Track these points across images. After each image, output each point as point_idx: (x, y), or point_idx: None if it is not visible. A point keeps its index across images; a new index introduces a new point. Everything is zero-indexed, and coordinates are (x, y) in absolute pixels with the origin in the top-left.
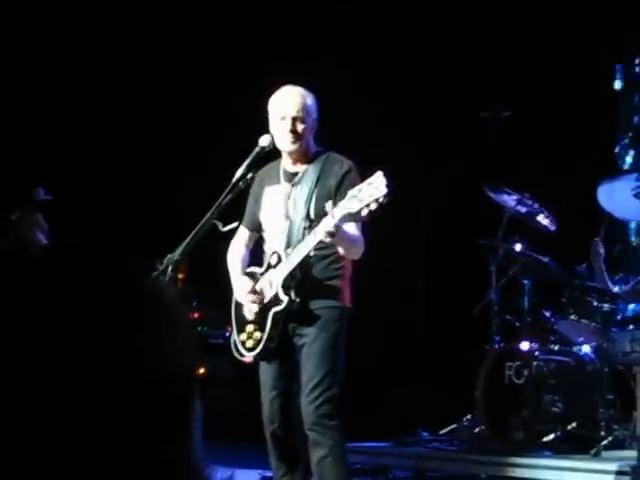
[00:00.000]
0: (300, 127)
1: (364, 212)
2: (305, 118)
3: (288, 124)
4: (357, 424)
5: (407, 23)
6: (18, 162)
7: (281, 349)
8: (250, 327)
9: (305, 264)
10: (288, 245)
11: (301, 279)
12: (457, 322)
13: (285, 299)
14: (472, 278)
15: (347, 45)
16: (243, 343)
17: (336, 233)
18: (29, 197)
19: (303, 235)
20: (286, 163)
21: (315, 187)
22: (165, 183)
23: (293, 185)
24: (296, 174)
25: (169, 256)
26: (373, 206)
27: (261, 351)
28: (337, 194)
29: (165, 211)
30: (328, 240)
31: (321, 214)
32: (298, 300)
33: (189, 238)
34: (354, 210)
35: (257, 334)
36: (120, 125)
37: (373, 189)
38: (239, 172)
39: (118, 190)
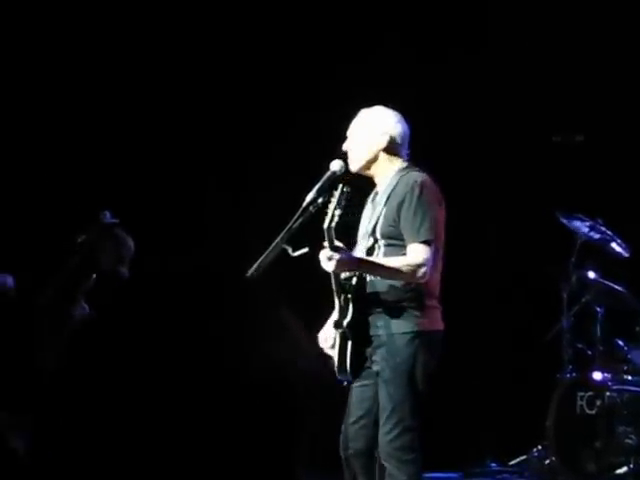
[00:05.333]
0: (347, 145)
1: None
2: (361, 135)
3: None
4: (425, 454)
5: (479, 45)
6: (85, 185)
7: (361, 375)
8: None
9: (369, 284)
10: None
11: (369, 300)
12: (528, 350)
13: (347, 318)
14: (544, 305)
15: (416, 66)
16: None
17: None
18: (96, 220)
19: (367, 255)
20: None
21: (384, 207)
22: (234, 205)
23: (373, 206)
24: (377, 194)
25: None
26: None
27: (337, 371)
28: (399, 214)
29: (234, 234)
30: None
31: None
32: (353, 319)
33: (258, 263)
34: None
35: (335, 354)
36: (191, 147)
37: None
38: (309, 196)
39: (186, 215)
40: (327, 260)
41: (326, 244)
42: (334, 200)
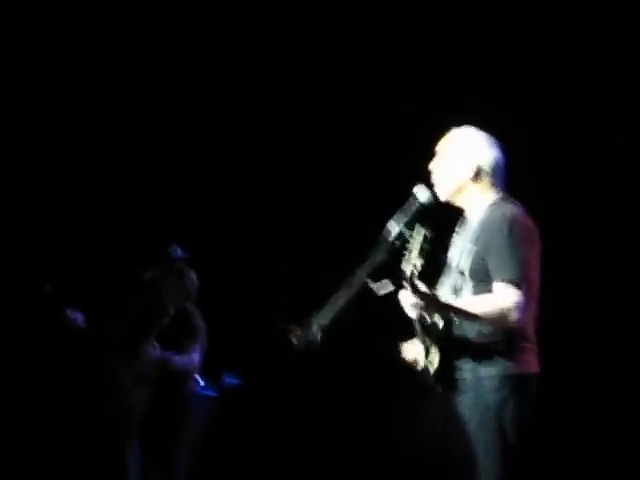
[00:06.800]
0: (434, 166)
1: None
2: (447, 163)
3: None
4: None
5: (577, 62)
6: (153, 218)
7: None
8: None
9: (456, 326)
10: None
11: (455, 342)
12: (630, 398)
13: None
14: None
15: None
16: None
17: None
18: (165, 255)
19: (455, 291)
20: None
21: (472, 243)
22: (308, 229)
23: (462, 238)
24: (466, 226)
25: (316, 318)
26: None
27: None
28: (488, 252)
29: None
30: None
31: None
32: (439, 364)
33: (339, 302)
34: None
35: None
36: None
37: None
38: (395, 230)
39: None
40: (411, 307)
41: (408, 288)
42: (416, 246)
